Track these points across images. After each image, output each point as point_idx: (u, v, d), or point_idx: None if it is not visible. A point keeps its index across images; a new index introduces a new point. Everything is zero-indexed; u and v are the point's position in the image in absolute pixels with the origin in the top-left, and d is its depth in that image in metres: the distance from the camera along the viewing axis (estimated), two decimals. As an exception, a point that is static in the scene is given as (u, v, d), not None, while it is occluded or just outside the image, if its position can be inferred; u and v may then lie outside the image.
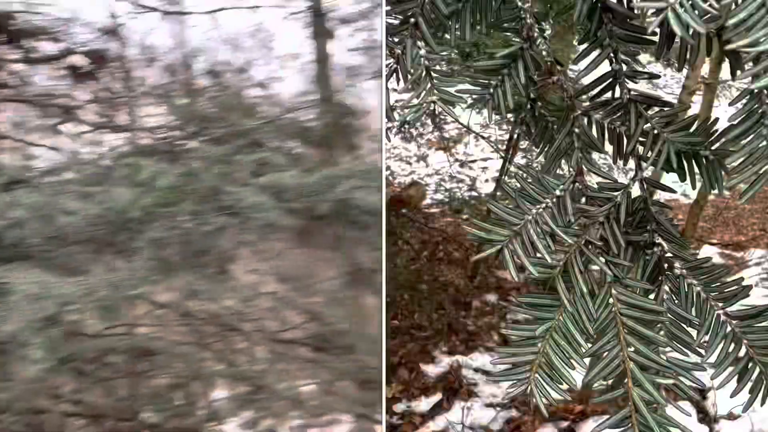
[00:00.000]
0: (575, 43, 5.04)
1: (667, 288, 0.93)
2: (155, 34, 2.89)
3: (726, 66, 1.15)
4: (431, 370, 5.04)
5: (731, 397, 0.91)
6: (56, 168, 2.69)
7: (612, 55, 0.94)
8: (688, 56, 0.90)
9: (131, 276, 2.16)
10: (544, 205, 0.91)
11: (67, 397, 2.67)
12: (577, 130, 0.97)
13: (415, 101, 0.98)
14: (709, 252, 6.44)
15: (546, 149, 1.04)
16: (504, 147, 6.06)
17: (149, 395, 2.74)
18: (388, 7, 1.05)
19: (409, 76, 0.99)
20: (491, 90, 1.01)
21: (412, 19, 0.99)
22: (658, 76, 1.06)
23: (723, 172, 0.92)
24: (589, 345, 0.90)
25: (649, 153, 0.94)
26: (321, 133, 2.88)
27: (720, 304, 0.92)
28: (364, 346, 2.85)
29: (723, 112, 1.32)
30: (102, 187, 2.31)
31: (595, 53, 0.98)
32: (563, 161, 1.00)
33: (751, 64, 0.80)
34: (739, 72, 0.87)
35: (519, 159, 5.72)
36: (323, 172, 2.50)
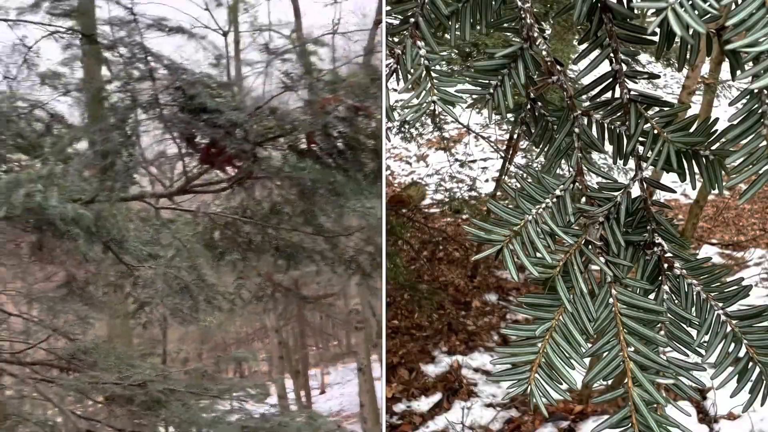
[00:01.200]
0: (575, 43, 5.04)
1: (667, 288, 0.93)
2: None
3: (726, 66, 1.15)
4: (431, 370, 5.04)
5: (731, 397, 0.91)
6: None
7: (612, 55, 0.94)
8: (688, 56, 0.90)
9: None
10: (544, 205, 0.91)
11: None
12: (577, 130, 0.97)
13: (415, 101, 0.98)
14: (709, 252, 6.45)
15: (546, 149, 1.04)
16: (504, 147, 6.07)
17: None
18: (388, 7, 1.05)
19: (409, 76, 0.99)
20: (491, 90, 1.01)
21: (412, 19, 0.99)
22: (658, 76, 1.06)
23: (723, 172, 0.92)
24: (589, 345, 0.90)
25: (649, 153, 0.94)
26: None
27: (720, 304, 0.92)
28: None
29: (723, 112, 1.32)
30: None
31: (595, 53, 0.98)
32: (563, 161, 1.00)
33: (751, 64, 0.80)
34: (739, 72, 0.87)
35: (519, 159, 5.73)
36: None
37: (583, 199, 0.95)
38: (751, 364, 0.89)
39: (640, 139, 0.95)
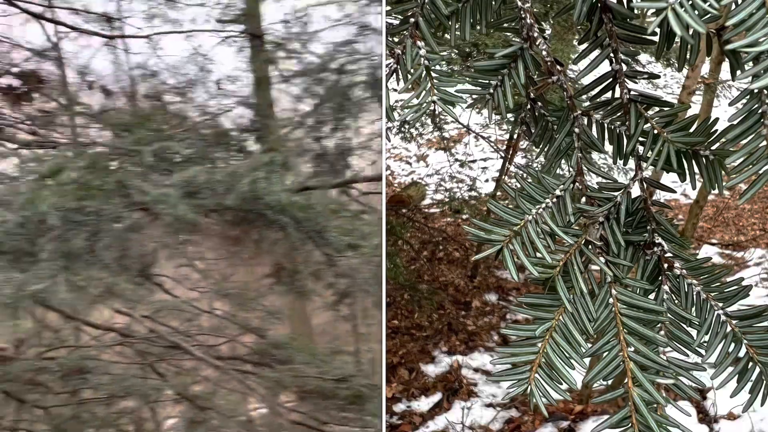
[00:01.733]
0: (575, 43, 5.04)
1: (667, 288, 0.94)
2: (94, 57, 2.90)
3: (726, 66, 1.15)
4: (431, 370, 5.04)
5: (731, 397, 0.91)
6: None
7: (612, 55, 0.94)
8: (688, 56, 0.90)
9: (36, 274, 2.10)
10: (544, 205, 0.91)
11: (5, 425, 2.61)
12: (577, 130, 0.97)
13: (415, 101, 0.98)
14: (709, 252, 6.45)
15: (546, 149, 1.04)
16: (504, 147, 6.07)
17: (94, 419, 2.68)
18: (388, 7, 1.05)
19: (409, 76, 0.99)
20: (491, 90, 1.01)
21: (412, 19, 0.99)
22: (658, 76, 1.06)
23: (723, 172, 0.92)
24: (589, 345, 0.90)
25: (649, 153, 0.94)
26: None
27: (720, 304, 0.92)
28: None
29: (723, 112, 1.32)
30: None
31: (595, 53, 0.98)
32: (563, 161, 1.00)
33: (751, 64, 0.80)
34: (739, 72, 0.87)
35: (519, 159, 5.73)
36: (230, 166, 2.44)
37: (583, 199, 0.95)
38: (751, 364, 0.89)
39: (640, 139, 0.95)
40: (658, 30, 0.87)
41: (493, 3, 1.02)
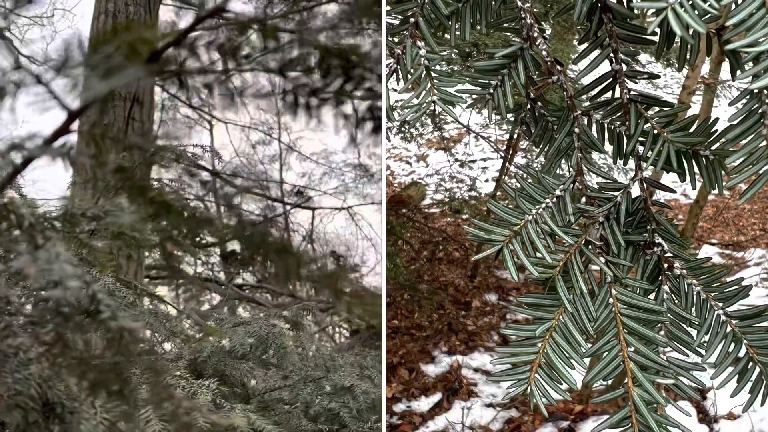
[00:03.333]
0: (575, 43, 5.04)
1: (667, 288, 0.93)
2: None
3: (726, 66, 1.15)
4: (431, 370, 5.04)
5: (731, 397, 0.91)
6: None
7: (612, 55, 0.94)
8: (688, 56, 0.90)
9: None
10: (544, 205, 0.91)
11: None
12: (577, 130, 0.97)
13: (415, 101, 0.98)
14: (709, 252, 6.44)
15: (546, 149, 1.04)
16: (504, 147, 6.06)
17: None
18: (388, 7, 1.05)
19: (409, 76, 0.99)
20: (491, 90, 1.01)
21: (412, 19, 0.99)
22: (658, 76, 1.06)
23: (723, 172, 0.92)
24: (589, 345, 0.90)
25: (649, 153, 0.94)
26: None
27: (720, 304, 0.92)
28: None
29: (723, 112, 1.32)
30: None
31: (595, 53, 0.98)
32: (563, 161, 1.00)
33: (751, 64, 0.80)
34: (739, 72, 0.87)
35: (519, 159, 5.72)
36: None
37: (583, 199, 0.95)
38: (751, 364, 0.89)
39: (640, 139, 0.95)
40: (658, 30, 0.87)
41: (493, 3, 1.02)
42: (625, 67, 0.94)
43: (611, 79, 0.95)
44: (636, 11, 0.92)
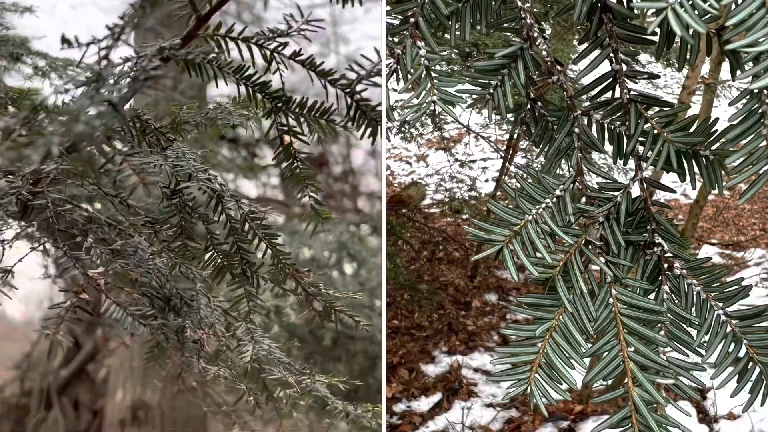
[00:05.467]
0: (575, 43, 5.04)
1: (667, 288, 0.93)
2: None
3: (726, 66, 1.15)
4: (431, 370, 5.04)
5: (731, 397, 0.91)
6: None
7: (612, 55, 0.94)
8: (688, 56, 0.90)
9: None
10: (544, 205, 0.91)
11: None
12: (577, 130, 0.97)
13: (415, 101, 0.98)
14: (709, 252, 6.44)
15: (546, 149, 1.04)
16: (504, 147, 6.06)
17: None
18: (388, 7, 1.05)
19: (409, 76, 0.99)
20: (491, 90, 1.01)
21: (412, 19, 0.99)
22: (658, 76, 1.06)
23: (723, 172, 0.92)
24: (589, 345, 0.90)
25: (649, 153, 0.94)
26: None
27: (720, 304, 0.92)
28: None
29: (723, 112, 1.32)
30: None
31: (595, 53, 0.98)
32: (563, 161, 1.00)
33: (751, 64, 0.80)
34: (739, 72, 0.87)
35: (519, 159, 5.72)
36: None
37: (583, 199, 0.95)
38: (751, 364, 0.89)
39: (640, 139, 0.95)
40: (658, 30, 0.87)
41: (493, 3, 1.02)
42: (625, 67, 0.94)
43: (611, 79, 0.96)
44: (636, 11, 0.92)
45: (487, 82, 1.02)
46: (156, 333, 1.30)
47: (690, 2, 0.66)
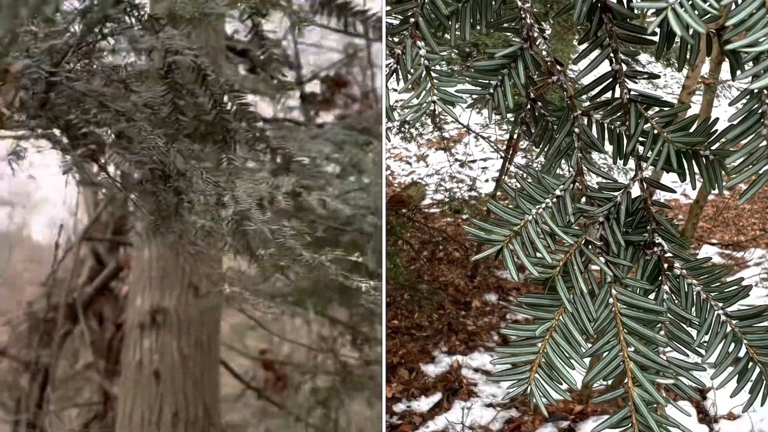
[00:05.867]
0: (575, 43, 5.04)
1: (667, 288, 0.93)
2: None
3: (726, 66, 1.15)
4: (431, 370, 5.04)
5: (731, 397, 0.91)
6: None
7: (612, 55, 0.94)
8: (688, 56, 0.90)
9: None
10: (544, 205, 0.91)
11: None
12: (577, 130, 0.97)
13: (415, 101, 0.98)
14: (709, 252, 6.44)
15: (546, 149, 1.04)
16: (504, 147, 6.06)
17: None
18: (388, 7, 1.05)
19: (409, 76, 0.99)
20: (491, 90, 1.01)
21: (412, 19, 0.99)
22: (658, 76, 1.06)
23: (723, 172, 0.92)
24: (589, 345, 0.90)
25: (649, 153, 0.94)
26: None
27: (720, 304, 0.92)
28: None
29: (723, 112, 1.32)
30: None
31: (595, 53, 0.98)
32: (563, 161, 1.00)
33: (751, 64, 0.80)
34: (739, 72, 0.87)
35: (519, 159, 5.72)
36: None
37: (583, 199, 0.95)
38: (751, 364, 0.89)
39: (640, 139, 0.95)
40: (658, 30, 0.87)
41: (493, 3, 1.02)
42: (625, 67, 0.94)
43: (611, 79, 0.95)
44: (636, 11, 0.92)
45: (487, 82, 1.02)
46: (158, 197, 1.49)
47: (690, 2, 0.66)
